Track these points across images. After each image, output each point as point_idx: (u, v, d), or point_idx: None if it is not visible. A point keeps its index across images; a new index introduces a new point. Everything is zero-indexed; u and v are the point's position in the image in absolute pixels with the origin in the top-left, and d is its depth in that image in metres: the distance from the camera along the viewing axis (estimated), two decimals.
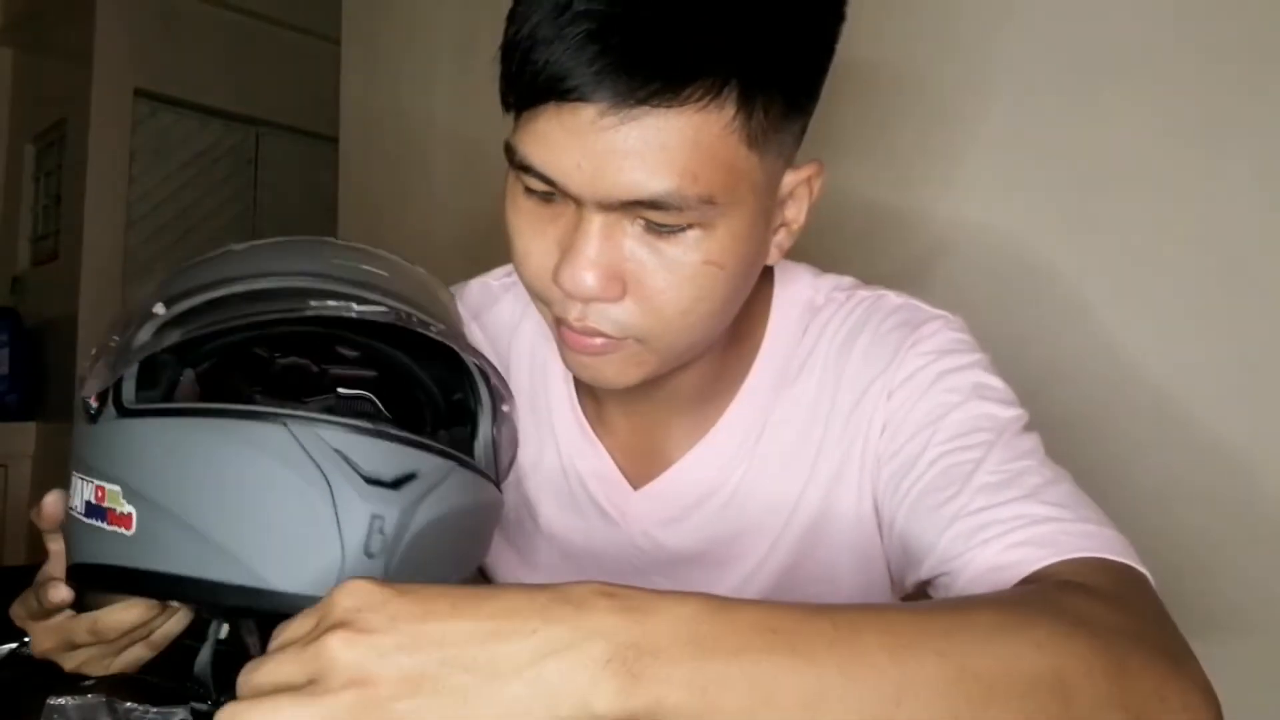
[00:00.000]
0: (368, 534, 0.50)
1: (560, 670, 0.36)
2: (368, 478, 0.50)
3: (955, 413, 0.60)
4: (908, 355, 0.64)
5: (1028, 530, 0.52)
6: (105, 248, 3.02)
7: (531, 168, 0.53)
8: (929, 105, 1.10)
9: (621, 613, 0.38)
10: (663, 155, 0.50)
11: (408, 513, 0.51)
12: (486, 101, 0.58)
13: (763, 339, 0.69)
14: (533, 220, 0.56)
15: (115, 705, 0.53)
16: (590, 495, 0.72)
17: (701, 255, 0.53)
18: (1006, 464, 0.57)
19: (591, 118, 0.49)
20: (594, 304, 0.55)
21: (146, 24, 3.08)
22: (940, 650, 0.40)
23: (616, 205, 0.52)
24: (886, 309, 0.67)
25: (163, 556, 0.51)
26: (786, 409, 0.67)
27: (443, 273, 0.73)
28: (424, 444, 0.54)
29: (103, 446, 0.54)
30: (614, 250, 0.53)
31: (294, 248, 0.60)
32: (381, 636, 0.37)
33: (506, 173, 0.57)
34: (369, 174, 1.97)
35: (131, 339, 0.55)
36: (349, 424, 0.51)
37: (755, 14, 0.50)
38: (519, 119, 0.54)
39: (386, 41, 1.91)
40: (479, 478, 0.58)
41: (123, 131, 3.09)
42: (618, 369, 0.58)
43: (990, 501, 0.55)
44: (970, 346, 0.65)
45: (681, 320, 0.55)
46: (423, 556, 0.52)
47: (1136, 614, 0.47)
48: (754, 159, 0.53)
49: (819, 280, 0.71)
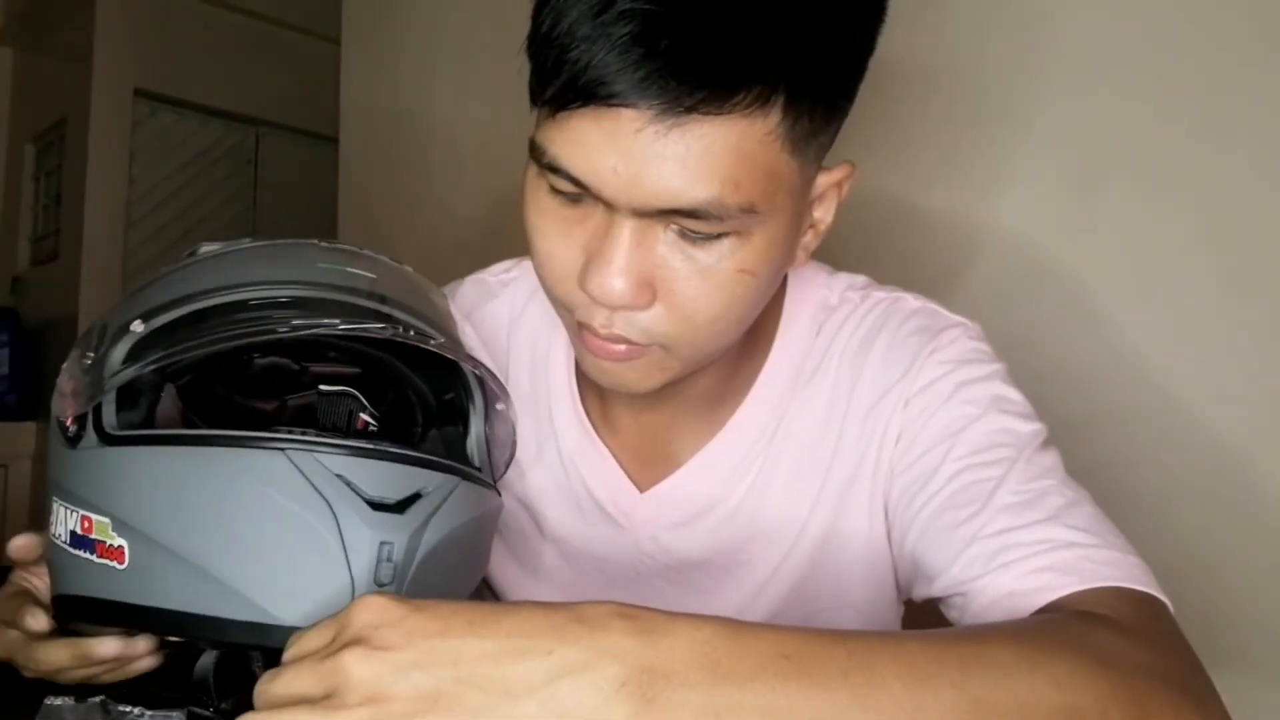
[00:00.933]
0: (376, 563, 0.48)
1: (574, 691, 0.36)
2: (373, 502, 0.49)
3: (975, 426, 0.59)
4: (926, 362, 0.62)
5: (1049, 556, 0.51)
6: (105, 248, 3.01)
7: (562, 169, 0.50)
8: (951, 105, 1.09)
9: (637, 634, 0.38)
10: (705, 162, 0.48)
11: (416, 537, 0.49)
12: (486, 101, 0.58)
13: (774, 339, 0.67)
14: (558, 222, 0.53)
15: (111, 708, 0.52)
16: (594, 498, 0.70)
17: (736, 264, 0.51)
18: (1028, 483, 0.55)
19: (633, 123, 0.47)
20: (621, 314, 0.53)
21: (146, 24, 3.07)
22: (956, 683, 0.39)
23: (652, 213, 0.50)
24: (905, 311, 0.66)
25: (161, 592, 0.49)
26: (800, 411, 0.66)
27: (443, 273, 0.73)
28: (427, 460, 0.53)
29: (87, 475, 0.51)
30: (645, 257, 0.51)
31: (276, 253, 0.57)
32: (398, 653, 0.37)
33: (526, 168, 0.55)
34: (369, 174, 1.96)
35: (106, 357, 0.53)
36: (350, 446, 0.49)
37: (804, 17, 0.48)
38: (549, 117, 0.51)
39: (386, 41, 1.91)
40: (481, 488, 0.57)
41: (123, 131, 3.09)
42: (641, 374, 0.56)
43: (1011, 523, 0.53)
44: (989, 356, 0.63)
45: (710, 328, 0.54)
46: (432, 578, 0.51)
47: (1159, 650, 0.46)
48: (794, 165, 0.51)
49: (833, 279, 0.69)
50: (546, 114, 0.51)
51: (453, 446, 0.61)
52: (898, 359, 0.63)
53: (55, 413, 0.55)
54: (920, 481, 0.59)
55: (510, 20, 0.57)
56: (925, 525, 0.58)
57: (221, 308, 0.53)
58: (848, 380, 0.65)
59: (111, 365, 0.52)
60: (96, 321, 0.57)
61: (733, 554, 0.67)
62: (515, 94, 0.62)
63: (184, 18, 3.17)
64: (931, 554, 0.57)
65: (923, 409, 0.61)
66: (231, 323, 0.52)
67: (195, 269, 0.57)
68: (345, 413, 0.66)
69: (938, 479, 0.58)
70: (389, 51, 1.90)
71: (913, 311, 0.66)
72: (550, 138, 0.51)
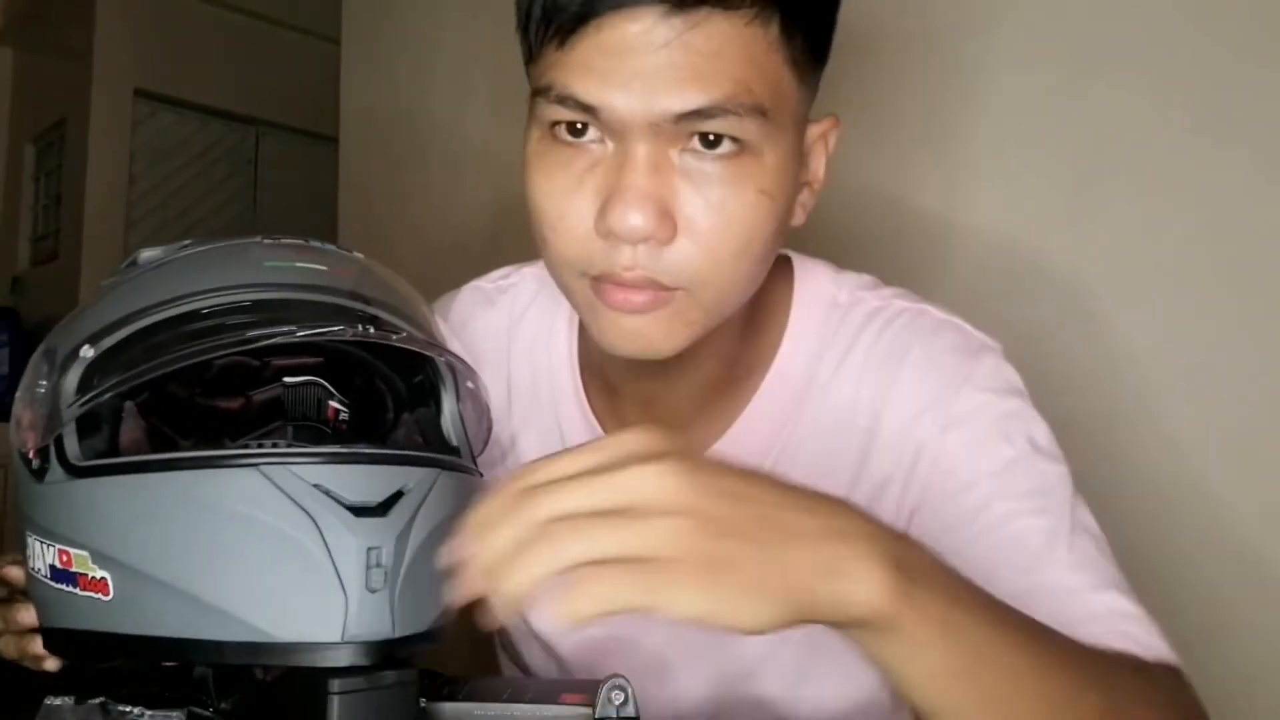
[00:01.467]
0: (366, 568, 0.47)
1: (851, 553, 0.40)
2: (354, 508, 0.47)
3: (1018, 468, 0.60)
4: (964, 388, 0.62)
5: (1116, 624, 0.54)
6: (105, 248, 3.01)
7: (575, 97, 0.51)
8: (929, 95, 1.09)
9: (894, 538, 0.42)
10: (718, 63, 0.49)
11: (403, 536, 0.49)
12: (486, 102, 0.58)
13: (784, 331, 0.66)
14: (566, 176, 0.53)
15: (111, 708, 0.52)
16: None
17: (755, 183, 0.52)
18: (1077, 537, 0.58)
19: (641, 35, 0.48)
20: (645, 247, 0.52)
21: (146, 24, 3.08)
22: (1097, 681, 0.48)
23: (668, 124, 0.50)
24: (933, 325, 0.65)
25: (151, 621, 0.48)
26: (817, 411, 0.65)
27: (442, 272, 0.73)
28: (405, 457, 0.52)
29: (58, 510, 0.50)
30: (663, 184, 0.51)
31: (220, 255, 0.56)
32: (709, 477, 0.39)
33: (526, 138, 0.55)
34: (369, 174, 1.96)
35: (60, 386, 0.51)
36: (324, 454, 0.48)
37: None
38: (546, 59, 0.52)
39: (386, 41, 1.91)
40: (463, 475, 0.56)
41: (123, 131, 3.09)
42: (666, 328, 0.55)
43: (1075, 585, 0.56)
44: (1020, 385, 0.64)
45: (734, 263, 0.53)
46: (424, 574, 0.50)
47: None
48: (794, 85, 0.53)
49: (840, 276, 0.68)
50: (550, 54, 0.52)
51: (428, 429, 0.61)
52: (935, 380, 0.62)
53: (15, 445, 0.53)
54: (963, 519, 0.59)
55: (510, 20, 0.57)
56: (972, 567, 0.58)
57: (171, 320, 0.51)
58: (874, 390, 0.64)
59: (66, 394, 0.51)
60: (44, 345, 0.56)
61: None
62: (515, 94, 0.62)
63: (184, 18, 3.17)
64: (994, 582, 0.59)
65: (964, 441, 0.61)
66: (183, 335, 0.50)
67: (138, 282, 0.55)
68: (314, 402, 0.65)
69: (984, 520, 0.59)
70: (389, 51, 1.90)
71: (940, 324, 0.65)
72: (556, 74, 0.51)
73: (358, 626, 0.47)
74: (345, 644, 0.47)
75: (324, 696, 0.47)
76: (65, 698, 0.52)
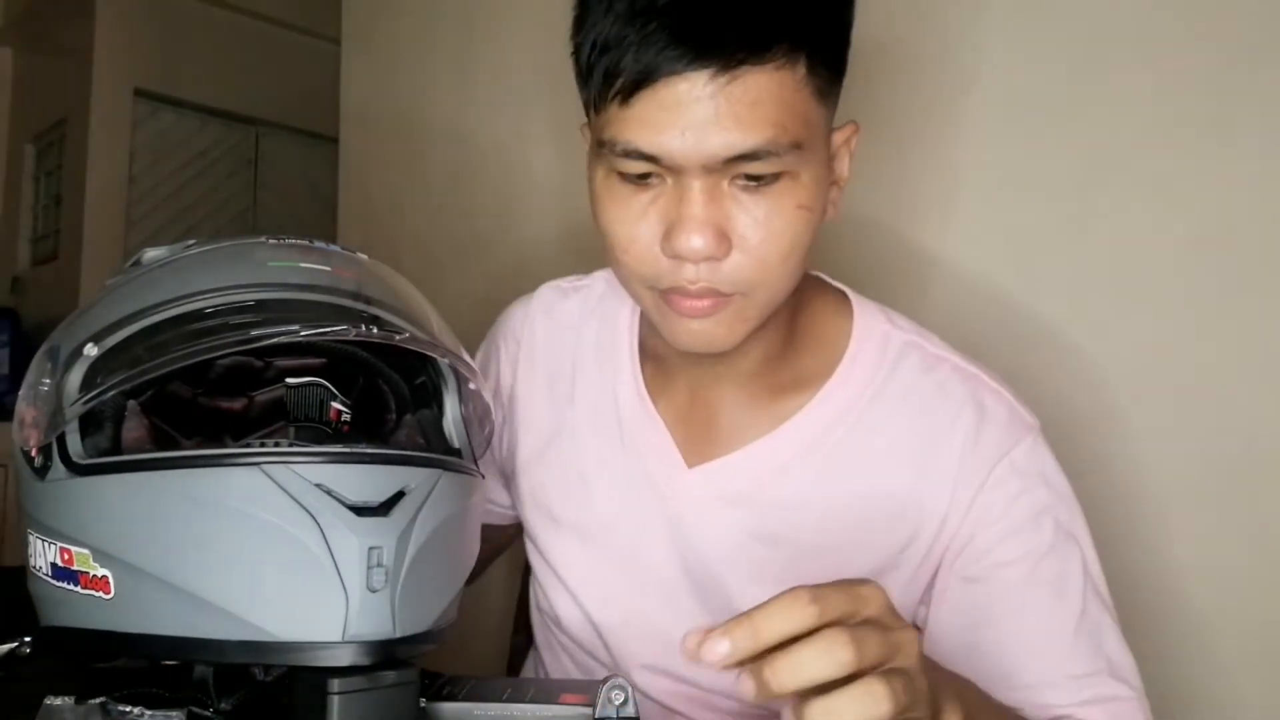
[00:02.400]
0: (367, 568, 0.47)
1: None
2: (356, 508, 0.48)
3: (1050, 558, 0.67)
4: (1008, 476, 0.67)
5: (1114, 705, 0.65)
6: (105, 248, 3.02)
7: (635, 150, 0.59)
8: (920, 98, 1.09)
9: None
10: (757, 111, 0.57)
11: (404, 536, 0.49)
12: (486, 101, 0.58)
13: (838, 358, 0.72)
14: (633, 209, 0.62)
15: (111, 708, 0.52)
16: (644, 466, 0.74)
17: (794, 201, 0.60)
18: (1084, 625, 0.66)
19: (690, 91, 0.57)
20: (705, 264, 0.60)
21: (146, 24, 3.08)
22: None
23: (718, 165, 0.58)
24: (986, 393, 0.70)
25: (152, 619, 0.48)
26: (870, 430, 0.70)
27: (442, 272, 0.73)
28: (407, 457, 0.52)
29: (60, 508, 0.50)
30: (717, 211, 0.60)
31: (224, 255, 0.56)
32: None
33: (591, 176, 0.64)
34: (369, 174, 1.97)
35: (63, 384, 0.51)
36: (326, 453, 0.49)
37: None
38: (608, 115, 0.60)
39: (386, 41, 1.91)
40: (464, 476, 0.56)
41: (123, 131, 3.10)
42: (728, 327, 0.64)
43: (1075, 671, 0.65)
44: (1056, 469, 0.69)
45: (782, 267, 0.62)
46: (424, 574, 0.50)
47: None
48: (820, 112, 0.61)
49: (891, 314, 0.75)
50: (613, 111, 0.60)
51: (430, 430, 0.61)
52: (982, 454, 0.68)
53: (18, 443, 0.53)
54: (994, 595, 0.67)
55: (510, 20, 0.58)
56: (985, 643, 0.67)
57: (175, 319, 0.51)
58: (921, 441, 0.69)
59: (69, 393, 0.51)
60: (47, 343, 0.56)
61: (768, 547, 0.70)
62: (515, 93, 0.62)
63: (184, 18, 3.17)
64: (1006, 659, 0.66)
65: (1000, 523, 0.67)
66: (187, 334, 0.50)
67: (142, 281, 0.55)
68: (316, 403, 0.65)
69: (1001, 603, 0.67)
70: (389, 51, 1.90)
71: (994, 394, 0.70)
72: (618, 129, 0.60)
73: (358, 626, 0.48)
74: (346, 644, 0.48)
75: (324, 696, 0.47)
76: (65, 698, 0.52)
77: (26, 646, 0.62)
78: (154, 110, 3.20)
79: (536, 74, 1.54)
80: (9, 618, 0.61)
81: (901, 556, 0.69)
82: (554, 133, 1.51)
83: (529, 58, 1.57)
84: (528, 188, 1.58)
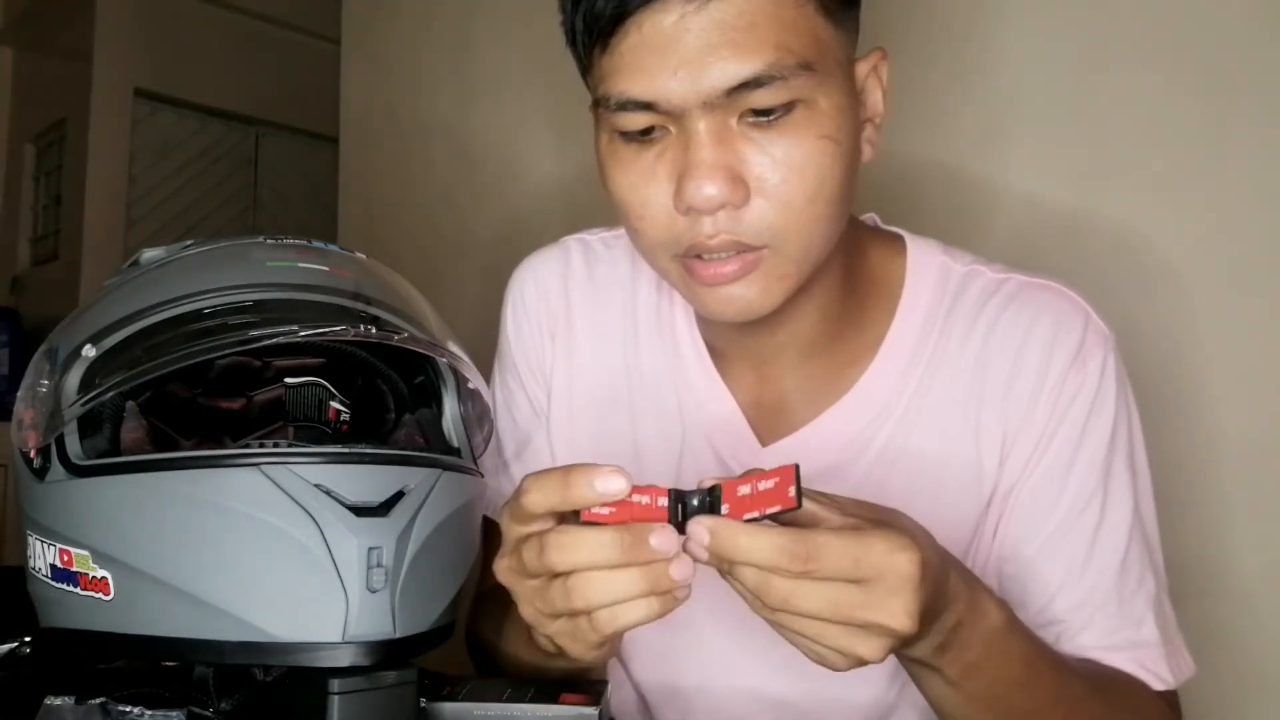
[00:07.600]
0: (367, 568, 0.47)
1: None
2: (356, 507, 0.48)
3: (1108, 474, 0.64)
4: (1092, 365, 0.64)
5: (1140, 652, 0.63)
6: (105, 248, 3.01)
7: (631, 99, 0.54)
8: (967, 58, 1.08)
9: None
10: (753, 34, 0.52)
11: (404, 536, 0.49)
12: (486, 101, 0.58)
13: (897, 304, 0.67)
14: (640, 169, 0.57)
15: (111, 708, 0.52)
16: (713, 448, 0.69)
17: (815, 131, 0.54)
18: (1131, 555, 0.63)
19: (678, 19, 0.52)
20: (724, 214, 0.55)
21: (146, 24, 3.08)
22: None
23: (721, 98, 0.52)
24: (1066, 298, 0.66)
25: (152, 620, 0.48)
26: (938, 369, 0.66)
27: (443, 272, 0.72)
28: (406, 457, 0.52)
29: (59, 509, 0.50)
30: (728, 153, 0.54)
31: (222, 256, 0.56)
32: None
33: (596, 142, 0.59)
34: (369, 174, 1.97)
35: (61, 385, 0.51)
36: (325, 454, 0.48)
37: None
38: (600, 71, 0.56)
39: (386, 41, 1.91)
40: (464, 475, 0.56)
41: (123, 131, 3.09)
42: (761, 288, 0.58)
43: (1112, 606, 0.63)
44: (1126, 384, 0.66)
45: (810, 210, 0.55)
46: (424, 574, 0.50)
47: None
48: (831, 32, 0.55)
49: (950, 250, 0.70)
50: (603, 65, 0.55)
51: (429, 430, 0.61)
52: (1058, 364, 0.64)
53: (16, 444, 0.53)
54: (1042, 512, 0.64)
55: (509, 20, 0.58)
56: (1036, 558, 0.64)
57: (173, 320, 0.51)
58: (992, 372, 0.65)
59: (67, 394, 0.51)
60: (46, 344, 0.56)
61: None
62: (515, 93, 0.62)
63: (184, 18, 3.17)
64: (1039, 583, 0.64)
65: (1066, 435, 0.64)
66: (185, 335, 0.50)
67: (140, 281, 0.55)
68: (315, 403, 0.65)
69: (1057, 518, 0.64)
70: (389, 51, 1.90)
71: (1070, 302, 0.66)
72: (611, 82, 0.55)
73: (358, 626, 0.48)
74: (346, 644, 0.48)
75: (324, 696, 0.47)
76: (65, 698, 0.52)
77: (26, 646, 0.62)
78: (154, 110, 3.20)
79: (536, 74, 1.54)
80: (9, 618, 0.61)
81: (987, 506, 0.65)
82: (554, 132, 1.51)
83: (528, 58, 1.57)
84: (527, 187, 1.58)
